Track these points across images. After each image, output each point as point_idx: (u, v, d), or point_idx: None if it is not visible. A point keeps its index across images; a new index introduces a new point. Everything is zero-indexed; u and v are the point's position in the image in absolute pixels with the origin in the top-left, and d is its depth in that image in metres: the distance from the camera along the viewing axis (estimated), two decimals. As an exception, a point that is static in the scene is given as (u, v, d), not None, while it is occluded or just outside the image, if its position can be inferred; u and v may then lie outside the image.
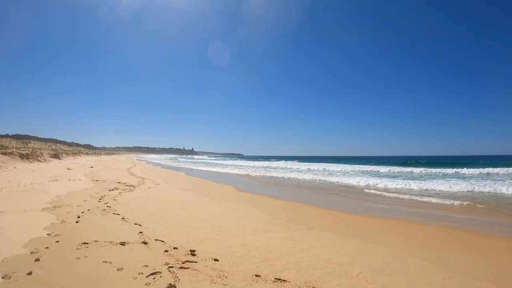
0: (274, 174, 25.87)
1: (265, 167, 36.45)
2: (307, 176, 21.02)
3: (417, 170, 26.64)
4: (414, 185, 15.52)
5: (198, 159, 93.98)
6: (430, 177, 21.61)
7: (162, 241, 5.19)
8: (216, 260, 4.40)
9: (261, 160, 69.11)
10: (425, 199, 11.56)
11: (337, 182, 17.55)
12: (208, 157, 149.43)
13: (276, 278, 3.81)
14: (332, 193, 13.68)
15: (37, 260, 3.98)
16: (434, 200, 11.28)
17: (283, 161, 62.35)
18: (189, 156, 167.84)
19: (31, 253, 4.22)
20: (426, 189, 14.66)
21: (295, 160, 73.90)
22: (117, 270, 3.83)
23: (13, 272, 3.54)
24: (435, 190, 14.36)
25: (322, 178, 20.38)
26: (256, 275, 3.89)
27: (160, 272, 3.80)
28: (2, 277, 3.41)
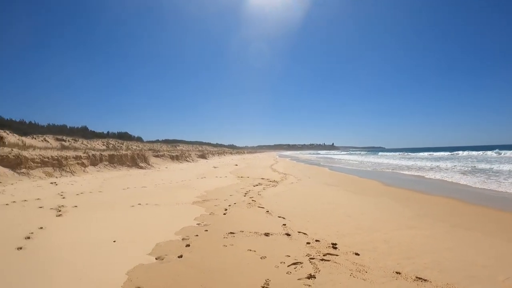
0: (419, 168, 22.69)
1: (412, 162, 32.22)
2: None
3: None
4: None
5: (325, 153, 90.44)
6: None
7: (305, 234, 5.28)
8: (357, 254, 4.44)
9: (407, 153, 62.04)
10: None
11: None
12: (337, 151, 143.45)
13: (416, 277, 3.70)
14: (483, 187, 11.90)
15: (188, 245, 4.60)
16: None
17: (427, 153, 55.29)
18: (317, 151, 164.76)
19: (182, 239, 4.93)
20: None
21: (442, 151, 63.65)
22: (261, 258, 4.12)
23: (166, 255, 4.21)
24: None
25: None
26: (397, 272, 3.83)
27: (301, 263, 3.98)
28: (156, 258, 4.08)
